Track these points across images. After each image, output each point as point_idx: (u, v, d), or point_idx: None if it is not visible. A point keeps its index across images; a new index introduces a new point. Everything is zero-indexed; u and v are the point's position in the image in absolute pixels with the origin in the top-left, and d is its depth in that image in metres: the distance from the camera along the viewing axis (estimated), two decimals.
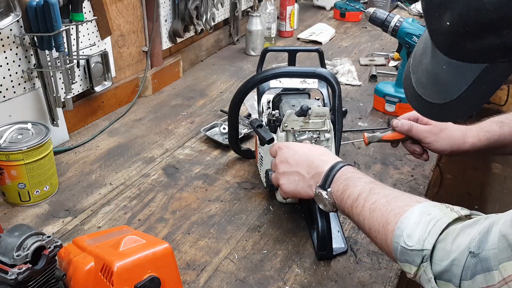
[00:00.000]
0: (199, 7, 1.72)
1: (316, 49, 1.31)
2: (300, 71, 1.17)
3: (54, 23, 1.13)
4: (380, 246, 0.75)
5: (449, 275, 0.62)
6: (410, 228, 0.67)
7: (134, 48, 1.59)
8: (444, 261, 0.62)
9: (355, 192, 0.80)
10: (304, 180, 0.91)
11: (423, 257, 0.64)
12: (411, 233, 0.66)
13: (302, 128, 1.05)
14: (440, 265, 0.63)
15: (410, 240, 0.66)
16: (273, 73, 1.13)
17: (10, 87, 1.19)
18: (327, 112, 1.05)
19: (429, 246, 0.64)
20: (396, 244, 0.68)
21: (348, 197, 0.81)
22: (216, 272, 0.93)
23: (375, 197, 0.77)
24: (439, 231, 0.64)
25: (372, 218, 0.75)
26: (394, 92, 1.51)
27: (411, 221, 0.68)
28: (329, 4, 2.60)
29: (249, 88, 1.14)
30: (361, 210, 0.77)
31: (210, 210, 1.10)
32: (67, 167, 1.25)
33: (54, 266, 0.74)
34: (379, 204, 0.75)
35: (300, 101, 1.13)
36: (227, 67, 1.91)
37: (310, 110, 1.04)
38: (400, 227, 0.69)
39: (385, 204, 0.74)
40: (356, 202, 0.79)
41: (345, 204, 0.82)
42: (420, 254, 0.65)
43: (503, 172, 3.17)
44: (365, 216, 0.76)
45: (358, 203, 0.78)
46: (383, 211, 0.73)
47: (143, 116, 1.52)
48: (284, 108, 1.11)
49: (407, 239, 0.66)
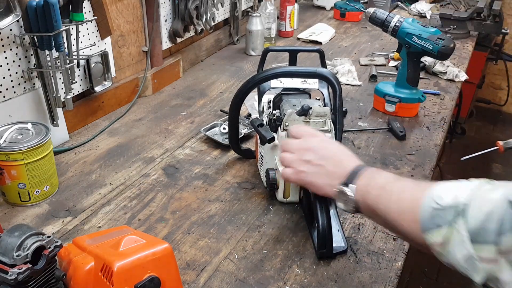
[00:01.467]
0: (199, 7, 1.72)
1: (317, 49, 1.31)
2: (301, 71, 1.17)
3: (54, 23, 1.13)
4: (407, 229, 0.71)
5: (485, 234, 0.58)
6: (441, 191, 0.66)
7: (134, 48, 1.59)
8: (480, 214, 0.59)
9: (380, 181, 0.79)
10: (328, 176, 0.88)
11: (458, 212, 0.61)
12: (442, 194, 0.65)
13: None
14: (476, 220, 0.59)
15: (441, 199, 0.64)
16: (274, 72, 1.13)
17: (10, 87, 1.19)
18: (328, 112, 1.05)
19: (463, 200, 0.61)
20: (426, 209, 0.66)
21: (373, 187, 0.79)
22: (216, 272, 0.93)
23: (403, 182, 0.77)
24: (472, 187, 0.63)
25: (401, 200, 0.73)
26: (394, 92, 1.51)
27: (442, 187, 0.66)
28: (329, 4, 2.60)
29: (249, 87, 1.14)
30: (390, 196, 0.76)
31: (210, 210, 1.10)
32: (67, 167, 1.25)
33: (54, 266, 0.74)
34: (408, 187, 0.74)
35: (301, 101, 1.13)
36: (227, 67, 1.91)
37: (311, 109, 1.04)
38: (429, 195, 0.67)
39: (413, 186, 0.74)
40: (383, 191, 0.77)
41: (370, 195, 0.79)
42: (454, 209, 0.62)
43: (503, 172, 3.17)
44: (393, 200, 0.75)
45: (385, 190, 0.77)
46: (412, 191, 0.72)
47: (143, 116, 1.52)
48: (285, 107, 1.11)
49: (438, 199, 0.65)
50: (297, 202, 1.11)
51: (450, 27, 2.17)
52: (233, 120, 1.19)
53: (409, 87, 1.49)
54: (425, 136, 1.42)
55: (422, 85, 1.72)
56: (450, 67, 1.82)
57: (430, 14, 2.46)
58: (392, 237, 1.03)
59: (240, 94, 1.15)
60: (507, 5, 3.50)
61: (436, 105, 1.62)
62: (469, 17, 2.17)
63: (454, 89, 1.74)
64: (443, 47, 1.39)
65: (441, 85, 1.77)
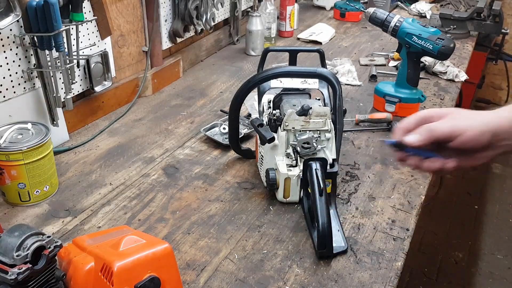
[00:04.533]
0: (199, 7, 1.72)
1: (317, 50, 1.31)
2: (302, 71, 1.17)
3: (54, 23, 1.13)
4: None
5: None
6: None
7: (134, 48, 1.59)
8: None
9: None
10: None
11: None
12: None
13: (303, 128, 1.05)
14: None
15: None
16: (274, 72, 1.13)
17: (10, 87, 1.19)
18: (328, 112, 1.05)
19: None
20: None
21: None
22: (216, 272, 0.93)
23: None
24: None
25: None
26: (394, 92, 1.51)
27: None
28: (329, 4, 2.60)
29: (250, 87, 1.14)
30: None
31: (210, 210, 1.10)
32: (67, 167, 1.25)
33: (54, 266, 0.74)
34: None
35: (301, 101, 1.13)
36: (227, 67, 1.91)
37: (311, 109, 1.04)
38: None
39: None
40: None
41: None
42: None
43: (503, 172, 3.17)
44: None
45: None
46: None
47: (143, 116, 1.52)
48: (285, 107, 1.11)
49: None
50: (297, 202, 1.11)
51: (450, 27, 2.17)
52: (234, 120, 1.19)
53: (409, 87, 1.49)
54: None
55: (422, 85, 1.72)
56: (450, 67, 1.82)
57: (430, 14, 2.46)
58: (392, 237, 1.03)
59: (241, 94, 1.15)
60: (507, 5, 3.50)
61: (436, 105, 1.62)
62: (469, 17, 2.17)
63: (454, 89, 1.74)
64: (443, 47, 1.39)
65: (441, 85, 1.77)
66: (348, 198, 1.15)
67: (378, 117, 1.46)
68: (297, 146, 1.06)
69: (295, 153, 1.07)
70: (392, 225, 1.07)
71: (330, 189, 1.06)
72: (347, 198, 1.15)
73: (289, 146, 1.08)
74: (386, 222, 1.07)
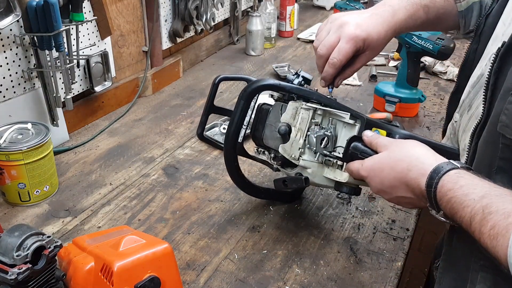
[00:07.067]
0: (199, 7, 1.72)
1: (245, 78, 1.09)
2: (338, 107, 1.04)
3: (54, 23, 1.13)
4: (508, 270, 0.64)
5: None
6: None
7: (134, 48, 1.59)
8: None
9: (465, 216, 0.67)
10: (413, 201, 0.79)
11: None
12: None
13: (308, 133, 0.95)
14: None
15: None
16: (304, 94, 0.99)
17: (10, 87, 1.19)
18: None
19: None
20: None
21: (461, 222, 0.68)
22: (216, 272, 0.93)
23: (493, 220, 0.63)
24: None
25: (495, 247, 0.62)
26: (394, 92, 1.51)
27: None
28: (329, 4, 2.60)
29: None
30: (480, 237, 0.65)
31: (210, 210, 1.10)
32: (67, 167, 1.25)
33: (54, 266, 0.74)
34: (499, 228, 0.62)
35: (272, 120, 1.01)
36: (227, 67, 1.90)
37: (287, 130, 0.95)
38: None
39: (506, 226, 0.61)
40: (471, 228, 0.66)
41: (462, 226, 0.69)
42: None
43: None
44: (487, 245, 0.64)
45: (474, 229, 0.65)
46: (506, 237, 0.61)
47: (143, 116, 1.52)
48: (266, 135, 1.01)
49: None
50: (297, 202, 1.11)
51: None
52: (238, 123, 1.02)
53: (409, 87, 1.49)
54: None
55: (422, 85, 1.72)
56: (450, 67, 1.82)
57: None
58: (392, 237, 1.03)
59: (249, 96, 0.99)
60: None
61: (436, 105, 1.62)
62: None
63: None
64: (443, 47, 1.39)
65: (441, 85, 1.77)
66: (348, 198, 1.15)
67: (378, 117, 1.46)
68: (321, 152, 0.93)
69: (329, 157, 0.94)
70: (392, 225, 1.07)
71: None
72: (347, 198, 1.15)
73: (319, 155, 0.94)
74: (386, 222, 1.07)
